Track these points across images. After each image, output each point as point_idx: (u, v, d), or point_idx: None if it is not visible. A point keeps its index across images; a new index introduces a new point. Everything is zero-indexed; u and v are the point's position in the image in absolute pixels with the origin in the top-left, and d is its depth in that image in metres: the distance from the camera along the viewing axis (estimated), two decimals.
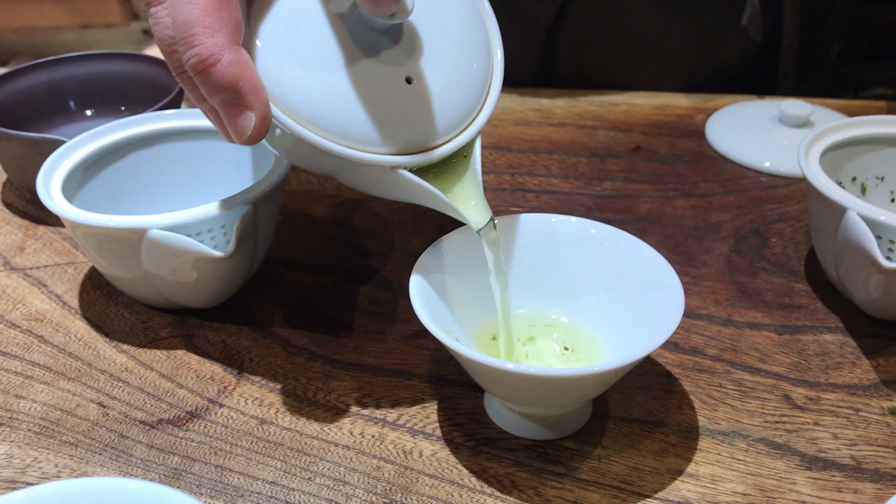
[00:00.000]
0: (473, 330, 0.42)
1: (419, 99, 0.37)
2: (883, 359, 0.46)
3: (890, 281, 0.44)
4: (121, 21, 2.17)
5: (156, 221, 0.43)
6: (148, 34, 2.18)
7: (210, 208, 0.44)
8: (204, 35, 0.33)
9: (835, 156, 0.52)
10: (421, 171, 0.38)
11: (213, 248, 0.45)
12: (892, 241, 0.44)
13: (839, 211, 0.45)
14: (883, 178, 0.53)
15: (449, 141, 0.39)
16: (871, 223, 0.44)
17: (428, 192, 0.38)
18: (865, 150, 0.53)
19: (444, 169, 0.39)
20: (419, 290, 0.39)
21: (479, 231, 0.39)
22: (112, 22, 2.19)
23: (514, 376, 0.35)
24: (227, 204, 0.44)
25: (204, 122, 0.53)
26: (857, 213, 0.44)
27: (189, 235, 0.44)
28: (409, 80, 0.37)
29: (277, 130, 0.37)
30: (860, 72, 0.96)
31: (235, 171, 0.54)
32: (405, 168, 0.37)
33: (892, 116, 0.53)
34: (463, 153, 0.40)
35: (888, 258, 0.45)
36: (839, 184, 0.53)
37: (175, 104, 0.59)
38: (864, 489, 0.39)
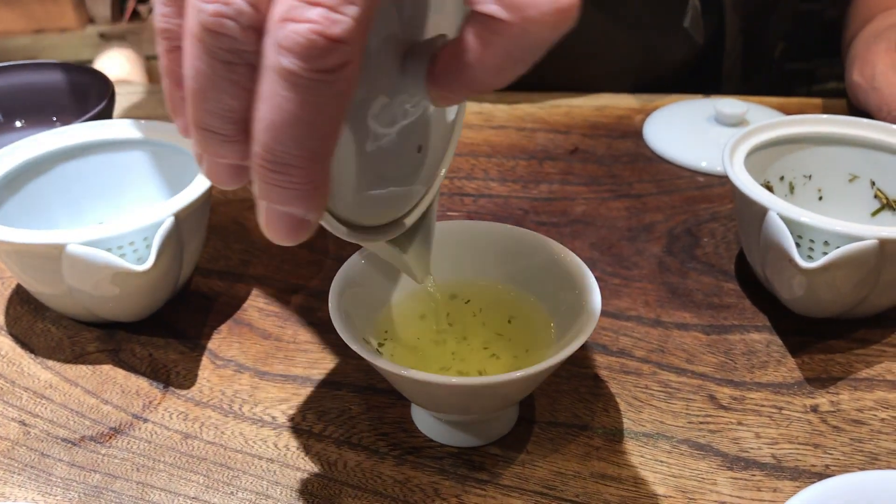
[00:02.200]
0: (404, 315, 0.43)
1: (424, 166, 0.35)
2: (808, 356, 0.46)
3: (811, 280, 0.44)
4: (75, 25, 2.14)
5: (75, 236, 0.42)
6: (104, 38, 2.15)
7: (130, 222, 0.43)
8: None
9: (763, 155, 0.52)
10: None
11: (136, 262, 0.44)
12: (812, 241, 0.45)
13: (761, 211, 0.45)
14: (810, 177, 0.54)
15: (421, 201, 0.36)
16: (791, 223, 0.44)
17: (395, 257, 0.37)
18: (793, 149, 0.53)
19: None
20: (338, 301, 0.39)
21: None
22: (66, 26, 2.16)
23: (424, 385, 0.35)
24: (148, 217, 0.44)
25: (133, 134, 0.53)
26: (778, 214, 0.44)
27: (110, 249, 0.43)
28: (420, 149, 0.34)
29: None
30: (813, 67, 0.98)
31: (166, 182, 0.53)
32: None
33: (819, 115, 0.54)
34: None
35: (809, 257, 0.45)
36: (767, 183, 0.53)
37: (106, 115, 0.58)
38: (783, 487, 0.39)
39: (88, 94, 0.62)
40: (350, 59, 0.23)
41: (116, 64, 2.02)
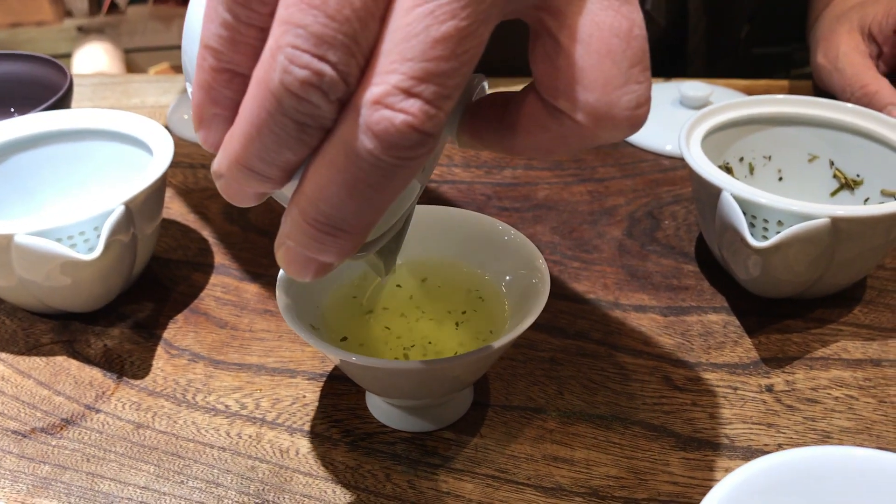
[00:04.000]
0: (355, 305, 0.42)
1: (421, 182, 0.34)
2: (764, 336, 0.46)
3: (765, 260, 0.44)
4: (52, 19, 2.12)
5: (23, 226, 0.42)
6: (82, 32, 2.14)
7: (80, 211, 0.43)
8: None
9: (722, 136, 0.52)
10: None
11: (88, 252, 0.44)
12: (766, 221, 0.45)
13: (715, 192, 0.45)
14: (770, 157, 0.54)
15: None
16: (745, 203, 0.44)
17: (372, 262, 0.36)
18: (752, 130, 0.53)
19: None
20: (286, 288, 0.39)
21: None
22: (44, 20, 2.14)
23: (370, 370, 0.35)
24: (98, 206, 0.43)
25: (89, 124, 0.52)
26: (731, 194, 0.44)
27: (60, 239, 0.43)
28: (423, 170, 0.32)
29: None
30: (792, 50, 0.98)
31: (124, 172, 0.53)
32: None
33: (777, 96, 0.54)
34: None
35: (764, 237, 0.45)
36: (727, 164, 0.53)
37: (63, 105, 0.58)
38: (735, 467, 0.39)
39: (48, 85, 0.61)
40: (433, 147, 0.22)
41: (95, 57, 2.00)
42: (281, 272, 0.39)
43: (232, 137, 0.23)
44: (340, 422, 0.42)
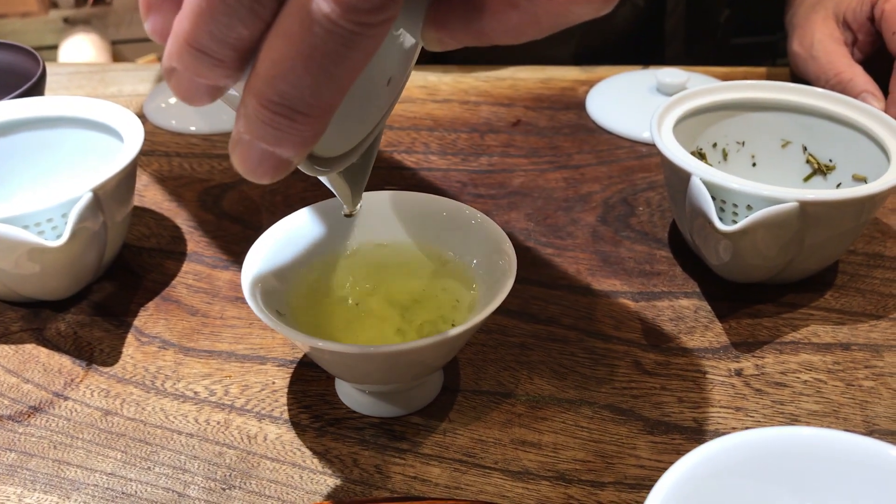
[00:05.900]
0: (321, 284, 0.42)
1: (388, 99, 0.33)
2: (735, 321, 0.46)
3: (734, 244, 0.44)
4: (37, 10, 2.11)
5: None
6: (69, 23, 2.12)
7: (47, 198, 0.43)
8: None
9: (695, 122, 0.52)
10: None
11: (56, 239, 0.44)
12: (735, 206, 0.45)
13: (686, 177, 0.45)
14: (743, 143, 0.54)
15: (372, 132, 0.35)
16: (714, 188, 0.44)
17: (339, 185, 0.35)
18: (725, 116, 0.53)
19: None
20: (251, 274, 0.39)
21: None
22: (29, 11, 2.12)
23: (337, 355, 0.35)
24: (65, 193, 0.43)
25: (61, 111, 0.52)
26: (700, 178, 0.44)
27: (28, 226, 0.42)
28: (389, 81, 0.32)
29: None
30: (777, 40, 0.98)
31: (96, 160, 0.53)
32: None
33: (750, 81, 0.54)
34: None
35: (734, 222, 0.45)
36: (700, 150, 0.53)
37: (35, 92, 0.57)
38: None
39: (20, 73, 0.61)
40: (394, 14, 0.21)
41: (81, 49, 1.99)
42: (246, 257, 0.39)
43: (181, 17, 0.22)
44: (309, 407, 0.42)
